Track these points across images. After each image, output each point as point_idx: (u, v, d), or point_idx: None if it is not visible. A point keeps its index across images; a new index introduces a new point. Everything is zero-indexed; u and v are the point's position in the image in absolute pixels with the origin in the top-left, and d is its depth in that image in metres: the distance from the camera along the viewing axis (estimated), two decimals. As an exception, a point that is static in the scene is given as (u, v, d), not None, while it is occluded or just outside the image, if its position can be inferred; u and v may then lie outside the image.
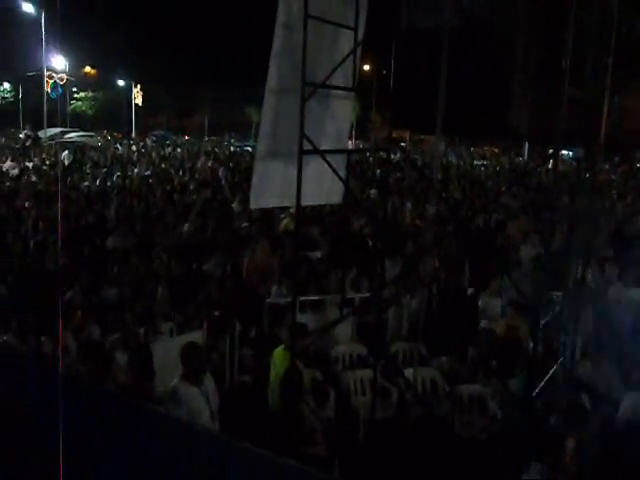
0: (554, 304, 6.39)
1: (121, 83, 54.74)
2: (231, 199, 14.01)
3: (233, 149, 40.49)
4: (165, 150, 34.19)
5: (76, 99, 55.14)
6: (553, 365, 5.94)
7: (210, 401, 4.63)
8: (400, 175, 21.20)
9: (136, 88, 54.43)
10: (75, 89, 53.28)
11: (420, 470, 4.77)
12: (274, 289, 7.58)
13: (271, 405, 5.38)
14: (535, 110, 7.31)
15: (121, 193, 15.12)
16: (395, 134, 37.18)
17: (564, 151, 22.46)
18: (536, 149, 33.40)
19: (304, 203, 4.84)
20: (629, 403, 5.07)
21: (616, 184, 20.42)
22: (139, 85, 54.62)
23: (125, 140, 43.47)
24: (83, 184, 17.07)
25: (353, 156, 13.75)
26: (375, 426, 5.43)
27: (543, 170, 23.37)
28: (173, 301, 7.12)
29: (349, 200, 7.16)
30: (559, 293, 6.39)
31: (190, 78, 51.84)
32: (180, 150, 35.11)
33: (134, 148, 35.27)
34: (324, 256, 9.14)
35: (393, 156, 30.40)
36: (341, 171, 5.51)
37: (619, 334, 5.87)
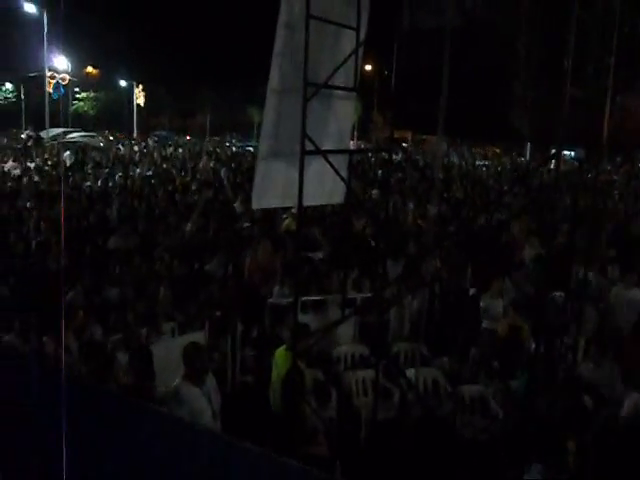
0: (556, 304, 6.38)
1: (123, 83, 54.83)
2: (233, 199, 13.99)
3: (235, 149, 40.48)
4: (167, 150, 34.17)
5: (78, 99, 55.23)
6: (555, 366, 5.93)
7: (212, 401, 4.63)
8: (402, 175, 21.21)
9: (138, 88, 54.52)
10: (77, 89, 53.35)
11: (422, 470, 4.77)
12: (276, 289, 7.60)
13: (273, 405, 5.37)
14: (537, 110, 7.30)
15: (123, 193, 15.12)
16: (397, 134, 37.09)
17: (566, 151, 22.38)
18: (538, 149, 33.33)
19: (306, 203, 4.84)
20: (631, 404, 5.07)
21: (618, 184, 20.41)
22: (141, 85, 54.71)
23: (127, 140, 43.50)
24: (85, 184, 17.06)
25: (355, 156, 13.73)
26: (377, 426, 5.42)
27: (545, 170, 23.31)
28: (175, 301, 7.14)
29: (351, 200, 7.17)
30: (561, 293, 6.38)
31: (192, 78, 51.96)
32: (182, 150, 35.08)
33: (136, 148, 35.28)
34: (326, 256, 9.15)
35: (395, 156, 30.43)
36: (343, 171, 5.51)
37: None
